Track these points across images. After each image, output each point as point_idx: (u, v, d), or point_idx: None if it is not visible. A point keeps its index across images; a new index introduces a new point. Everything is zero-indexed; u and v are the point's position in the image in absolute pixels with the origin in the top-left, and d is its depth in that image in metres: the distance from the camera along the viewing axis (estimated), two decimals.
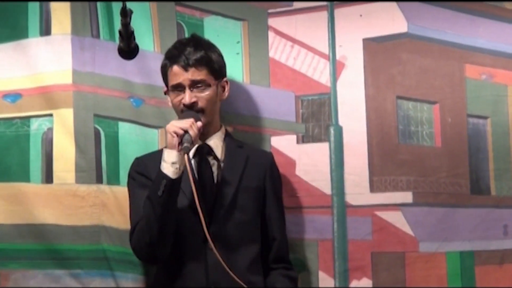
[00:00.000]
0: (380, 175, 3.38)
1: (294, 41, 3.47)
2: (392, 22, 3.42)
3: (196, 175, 2.97)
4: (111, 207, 3.29)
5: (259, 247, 3.06)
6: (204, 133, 2.98)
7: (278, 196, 3.15)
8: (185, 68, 2.97)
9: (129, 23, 2.73)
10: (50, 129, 3.30)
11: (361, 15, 3.44)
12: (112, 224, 3.29)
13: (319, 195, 3.39)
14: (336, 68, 3.44)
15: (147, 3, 3.42)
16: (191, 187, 2.80)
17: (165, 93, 3.07)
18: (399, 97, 3.43)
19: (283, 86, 3.47)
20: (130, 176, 3.09)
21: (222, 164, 3.03)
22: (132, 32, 2.76)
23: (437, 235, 3.35)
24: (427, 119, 3.44)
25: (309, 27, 3.46)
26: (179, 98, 2.98)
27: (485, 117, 3.43)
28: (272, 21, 3.49)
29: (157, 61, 3.38)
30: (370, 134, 3.39)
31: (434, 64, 3.43)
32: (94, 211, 3.28)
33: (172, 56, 3.02)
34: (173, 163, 2.82)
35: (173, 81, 3.00)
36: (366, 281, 3.36)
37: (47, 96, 3.28)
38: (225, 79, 3.09)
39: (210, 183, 3.00)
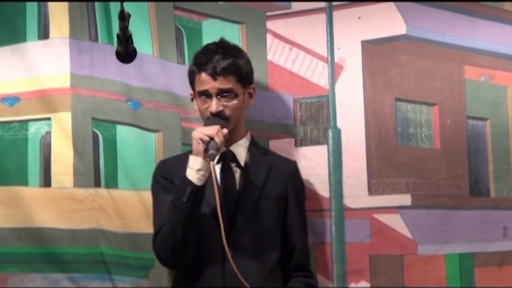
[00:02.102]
0: (379, 177, 3.38)
1: (292, 43, 3.47)
2: (390, 24, 3.42)
3: (219, 181, 2.96)
4: (109, 210, 3.29)
5: (279, 255, 3.05)
6: (228, 139, 2.97)
7: (301, 205, 3.14)
8: (213, 76, 2.95)
9: (127, 27, 2.73)
10: (48, 133, 3.30)
11: (359, 17, 3.44)
12: (110, 228, 3.28)
13: (317, 198, 3.38)
14: (334, 70, 3.43)
15: (145, 7, 3.42)
16: (214, 195, 2.81)
17: (192, 99, 3.05)
18: (398, 99, 3.42)
19: (281, 89, 3.47)
20: (154, 179, 3.08)
21: (245, 172, 3.03)
22: (130, 36, 2.76)
23: (436, 237, 3.34)
24: (426, 121, 3.43)
25: (307, 30, 3.46)
26: (205, 105, 2.97)
27: (484, 119, 3.42)
28: (270, 24, 3.49)
29: (155, 64, 3.40)
30: (369, 136, 3.39)
31: (433, 65, 3.42)
32: (92, 215, 3.27)
33: (200, 63, 2.99)
34: (198, 170, 2.82)
35: (200, 87, 2.98)
36: (364, 284, 3.35)
37: (45, 100, 3.29)
38: (252, 85, 3.08)
39: (232, 190, 2.99)
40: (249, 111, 3.42)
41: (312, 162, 3.40)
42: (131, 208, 3.31)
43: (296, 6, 3.47)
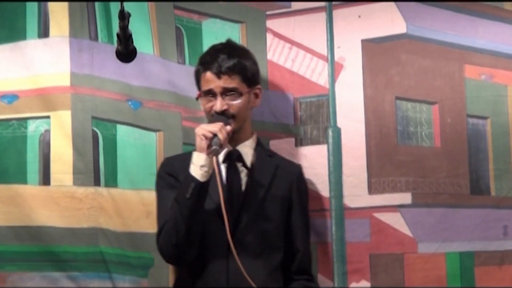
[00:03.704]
0: (379, 176, 3.36)
1: (292, 42, 3.47)
2: (391, 23, 3.41)
3: (224, 180, 2.97)
4: (108, 209, 3.29)
5: (281, 257, 3.05)
6: (235, 139, 3.00)
7: (304, 209, 3.15)
8: (218, 75, 2.97)
9: (127, 26, 2.73)
10: (48, 131, 3.31)
11: (359, 16, 3.43)
12: (109, 227, 3.28)
13: (317, 197, 3.37)
14: (334, 69, 3.42)
15: (145, 7, 3.43)
16: (218, 192, 2.81)
17: (197, 98, 3.05)
18: (398, 98, 3.41)
19: (281, 88, 3.46)
20: (159, 175, 3.08)
21: (251, 172, 3.03)
22: (130, 35, 2.76)
23: (436, 236, 3.32)
24: (426, 119, 3.42)
25: (307, 29, 3.46)
26: (210, 104, 2.99)
27: (484, 117, 3.41)
28: (270, 23, 3.49)
29: (156, 64, 3.41)
30: (369, 135, 3.38)
31: (433, 64, 3.41)
32: (91, 213, 3.28)
33: (206, 62, 3.02)
34: (201, 166, 2.83)
35: (205, 87, 3.00)
36: (365, 283, 3.34)
37: (45, 98, 3.29)
38: (258, 86, 3.09)
39: (237, 190, 3.00)
40: None
41: (312, 162, 3.39)
42: (131, 207, 3.31)
43: (296, 5, 3.47)
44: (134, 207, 3.32)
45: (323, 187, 3.38)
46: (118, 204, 3.30)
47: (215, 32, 3.45)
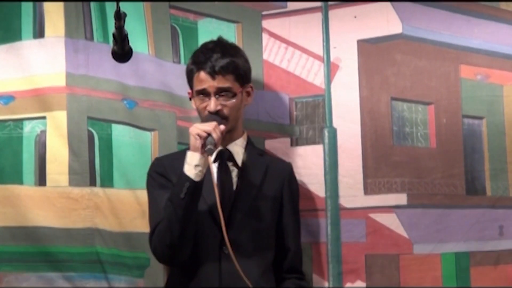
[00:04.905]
0: (374, 177, 3.37)
1: (288, 43, 3.46)
2: (386, 23, 3.41)
3: (215, 180, 2.95)
4: (104, 209, 3.29)
5: (273, 256, 3.06)
6: (226, 139, 2.98)
7: (295, 207, 3.15)
8: (212, 75, 2.95)
9: (123, 26, 2.72)
10: (43, 132, 3.30)
11: (355, 17, 3.43)
12: (105, 227, 3.28)
13: (313, 197, 3.38)
14: (330, 69, 3.43)
15: (141, 7, 3.42)
16: (211, 192, 2.81)
17: (190, 98, 3.05)
18: (393, 98, 3.41)
19: (277, 89, 3.47)
20: (150, 176, 3.07)
21: (242, 171, 3.03)
22: (126, 35, 2.75)
23: (432, 236, 3.33)
24: (422, 120, 3.42)
25: (303, 29, 3.46)
26: (204, 104, 2.97)
27: (480, 118, 3.41)
28: (266, 23, 3.49)
29: (151, 63, 3.40)
30: (365, 135, 3.38)
31: (429, 65, 3.42)
32: (87, 214, 3.27)
33: (199, 62, 2.99)
34: (196, 165, 2.82)
35: (198, 86, 2.98)
36: (360, 284, 3.34)
37: (41, 99, 3.29)
38: (250, 84, 3.08)
39: (229, 189, 2.99)
40: (245, 110, 3.41)
41: (308, 162, 3.40)
42: (126, 207, 3.31)
43: (292, 5, 3.47)
44: (130, 207, 3.32)
45: (318, 187, 3.38)
46: (113, 204, 3.29)
47: (210, 31, 3.44)
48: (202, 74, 2.97)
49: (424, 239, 3.33)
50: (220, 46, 3.04)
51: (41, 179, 3.28)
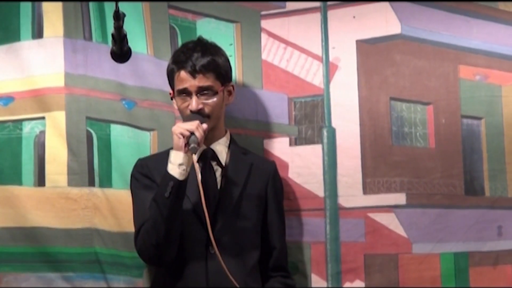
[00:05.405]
0: (373, 176, 3.37)
1: (287, 43, 3.46)
2: (385, 23, 3.41)
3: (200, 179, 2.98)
4: (103, 210, 3.29)
5: (259, 254, 3.07)
6: (209, 138, 3.00)
7: (280, 205, 3.17)
8: (192, 74, 2.97)
9: (122, 26, 2.73)
10: (43, 132, 3.30)
11: (354, 17, 3.43)
12: (104, 227, 3.28)
13: (312, 197, 3.37)
14: (329, 69, 3.42)
15: (140, 7, 3.42)
16: (195, 191, 2.82)
17: (172, 98, 3.06)
18: (392, 99, 3.41)
19: (276, 88, 3.46)
20: (133, 177, 3.09)
21: (226, 170, 3.04)
22: (125, 35, 2.77)
23: (431, 236, 3.33)
24: (420, 120, 3.42)
25: (302, 29, 3.45)
26: (185, 104, 2.99)
27: (479, 118, 3.41)
28: (265, 23, 3.48)
29: (150, 63, 3.40)
30: (363, 135, 3.38)
31: (428, 65, 3.42)
32: (86, 214, 3.27)
33: (179, 61, 3.01)
34: (180, 164, 2.83)
35: (179, 86, 3.00)
36: (359, 283, 3.34)
37: (40, 99, 3.28)
38: (231, 83, 3.10)
39: (213, 189, 3.00)
40: (244, 110, 3.43)
41: (306, 161, 3.40)
42: (125, 208, 3.29)
43: (290, 5, 3.46)
44: (129, 207, 3.28)
45: (317, 187, 3.38)
46: (112, 204, 3.29)
47: (209, 31, 3.44)
48: (183, 73, 2.99)
49: (423, 239, 3.33)
50: (201, 45, 3.06)
51: (40, 180, 3.28)
